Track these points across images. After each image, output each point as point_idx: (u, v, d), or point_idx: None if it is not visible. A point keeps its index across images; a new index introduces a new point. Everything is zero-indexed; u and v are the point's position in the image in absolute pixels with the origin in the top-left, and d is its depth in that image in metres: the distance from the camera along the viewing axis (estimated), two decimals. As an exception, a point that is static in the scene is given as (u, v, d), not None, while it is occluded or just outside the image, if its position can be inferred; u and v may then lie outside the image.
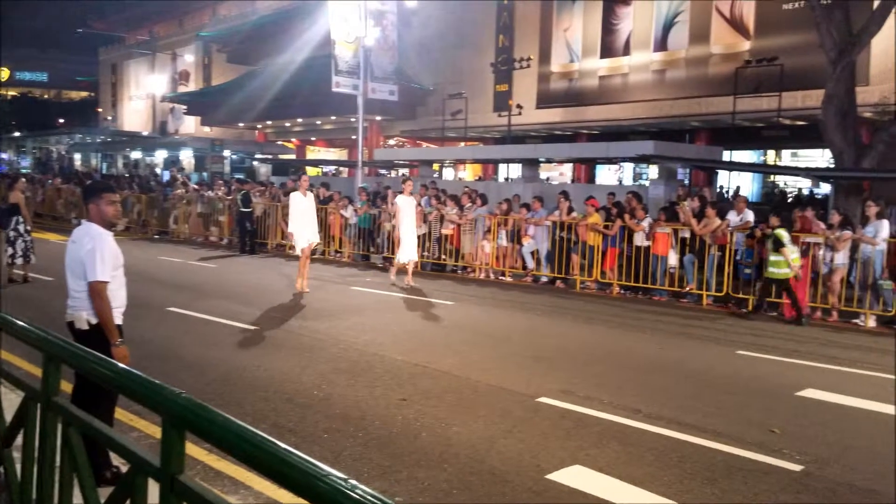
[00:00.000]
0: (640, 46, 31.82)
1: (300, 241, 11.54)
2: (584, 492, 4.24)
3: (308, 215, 11.71)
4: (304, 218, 11.58)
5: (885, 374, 7.41)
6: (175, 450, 2.12)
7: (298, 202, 11.61)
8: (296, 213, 11.57)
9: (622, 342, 8.91)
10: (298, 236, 11.52)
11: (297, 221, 11.55)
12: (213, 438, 2.05)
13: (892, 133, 15.55)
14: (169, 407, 2.15)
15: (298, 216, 11.56)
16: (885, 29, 15.86)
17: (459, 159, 32.13)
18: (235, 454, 1.96)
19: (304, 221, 11.59)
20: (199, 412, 2.07)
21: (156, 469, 2.18)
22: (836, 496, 4.27)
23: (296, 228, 11.54)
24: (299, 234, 11.51)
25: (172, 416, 2.13)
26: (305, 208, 11.65)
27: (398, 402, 5.91)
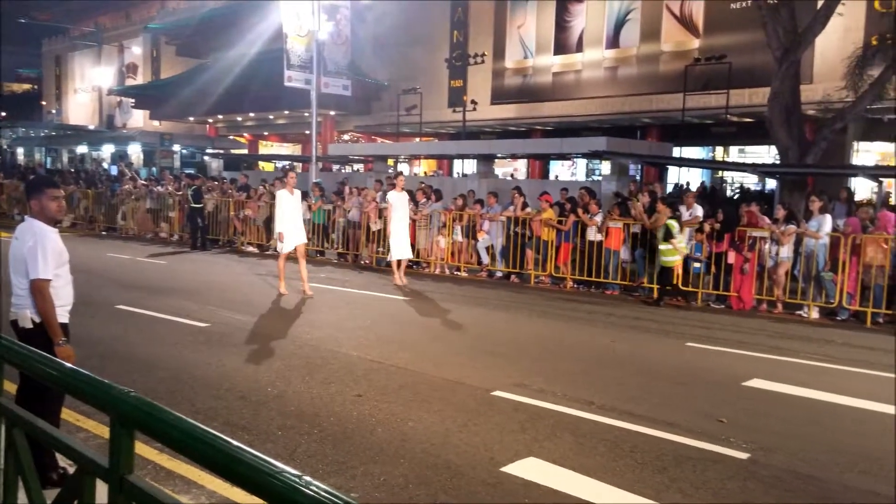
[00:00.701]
0: (592, 44, 32.19)
1: (289, 243, 10.96)
2: (539, 483, 4.30)
3: (295, 215, 11.15)
4: (291, 218, 11.00)
5: (827, 363, 7.67)
6: (124, 449, 2.08)
7: (286, 201, 11.00)
8: (284, 212, 10.98)
9: (575, 336, 9.03)
10: (287, 237, 10.91)
11: (285, 221, 10.97)
12: (163, 437, 2.02)
13: (834, 130, 16.06)
14: (117, 406, 2.11)
15: (286, 216, 10.98)
16: (828, 28, 16.35)
17: (414, 155, 32.09)
18: (187, 453, 1.93)
19: (292, 221, 11.00)
20: (149, 411, 2.03)
21: (104, 469, 2.14)
22: (780, 482, 4.40)
23: (285, 228, 10.92)
24: (288, 234, 10.92)
25: (121, 416, 2.09)
26: (293, 207, 11.08)
27: (353, 398, 5.89)
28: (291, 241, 10.98)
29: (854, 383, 6.88)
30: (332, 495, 1.55)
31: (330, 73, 27.91)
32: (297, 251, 11.11)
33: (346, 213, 16.02)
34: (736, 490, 4.27)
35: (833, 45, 23.19)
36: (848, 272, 10.32)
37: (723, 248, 11.31)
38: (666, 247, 11.18)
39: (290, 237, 10.96)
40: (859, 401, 6.21)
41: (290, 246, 10.98)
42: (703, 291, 11.55)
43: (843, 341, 8.96)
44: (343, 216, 16.14)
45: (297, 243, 11.07)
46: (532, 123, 34.23)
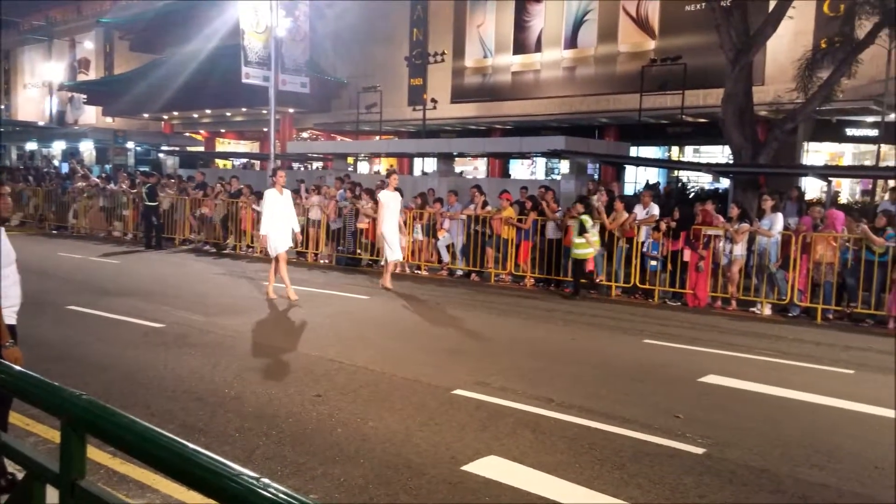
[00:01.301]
0: (551, 44, 32.46)
1: (276, 245, 10.40)
2: (499, 481, 4.31)
3: (285, 216, 10.57)
4: (279, 219, 10.47)
5: (779, 359, 7.86)
6: (75, 454, 2.02)
7: (274, 201, 10.47)
8: (270, 213, 10.43)
9: (535, 333, 9.09)
10: (273, 239, 10.37)
11: (271, 222, 10.40)
12: (116, 441, 1.97)
13: (785, 131, 16.47)
14: (68, 409, 2.05)
15: (273, 217, 10.43)
16: (779, 31, 16.75)
17: (374, 153, 31.95)
18: (141, 456, 1.89)
19: (280, 223, 10.47)
20: (101, 414, 1.98)
21: (54, 474, 2.08)
22: (735, 476, 4.49)
23: (270, 230, 10.37)
24: (274, 236, 10.37)
25: (72, 419, 2.03)
26: (282, 208, 10.55)
27: (313, 398, 5.83)
28: (282, 242, 10.46)
29: (805, 378, 7.06)
30: (291, 497, 1.52)
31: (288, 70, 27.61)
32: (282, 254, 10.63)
33: (305, 212, 15.86)
34: (692, 485, 4.34)
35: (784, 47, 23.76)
36: (799, 269, 10.59)
37: (679, 246, 11.51)
38: (580, 240, 11.68)
39: (280, 238, 10.42)
40: (810, 395, 6.38)
41: (282, 246, 10.45)
42: (659, 289, 11.74)
43: (794, 337, 9.19)
44: (303, 214, 15.98)
45: (286, 245, 10.57)
46: (492, 122, 34.37)
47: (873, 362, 7.90)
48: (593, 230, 11.79)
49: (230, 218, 17.13)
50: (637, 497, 4.15)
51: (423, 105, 31.86)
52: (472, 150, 27.73)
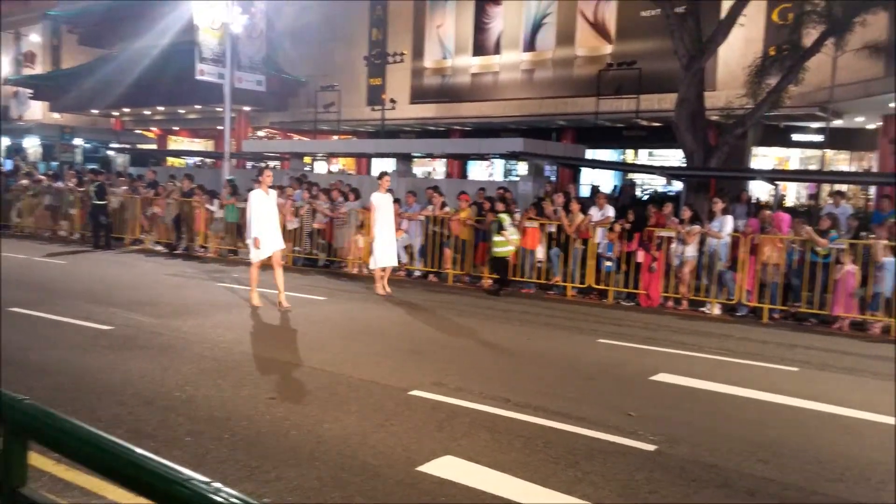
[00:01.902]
0: (510, 46, 32.67)
1: (264, 248, 9.92)
2: (455, 481, 4.33)
3: (271, 218, 10.12)
4: (266, 221, 10.00)
5: (727, 357, 8.05)
6: (16, 461, 1.97)
7: (261, 201, 9.95)
8: (259, 214, 9.89)
9: (492, 334, 9.14)
10: (263, 242, 9.88)
11: (260, 224, 9.89)
12: (60, 447, 1.92)
13: (735, 135, 16.86)
14: (9, 414, 1.99)
15: (261, 218, 9.91)
16: (730, 38, 17.14)
17: (333, 153, 31.76)
18: (86, 462, 1.84)
19: (267, 225, 10.01)
20: (45, 419, 1.92)
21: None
22: (685, 472, 4.58)
23: (260, 232, 9.87)
24: (263, 239, 9.89)
25: (13, 425, 1.97)
26: (269, 209, 10.08)
27: (267, 400, 5.77)
28: (268, 247, 9.97)
29: (751, 376, 7.24)
30: (243, 501, 1.51)
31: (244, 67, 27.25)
32: (272, 258, 10.07)
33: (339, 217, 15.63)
34: (643, 481, 4.42)
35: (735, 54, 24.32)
36: (747, 270, 10.86)
37: (632, 247, 11.69)
38: (498, 238, 11.98)
39: (267, 242, 9.94)
40: (757, 392, 6.55)
41: (266, 252, 9.95)
42: (614, 289, 11.91)
43: (741, 336, 9.42)
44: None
45: (273, 249, 10.09)
46: (451, 123, 34.43)
47: (816, 360, 8.15)
48: (511, 228, 12.11)
49: (183, 217, 16.83)
50: (590, 494, 4.20)
51: (382, 105, 31.79)
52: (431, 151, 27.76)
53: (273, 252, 10.03)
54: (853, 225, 11.31)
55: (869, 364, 8.06)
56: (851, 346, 9.04)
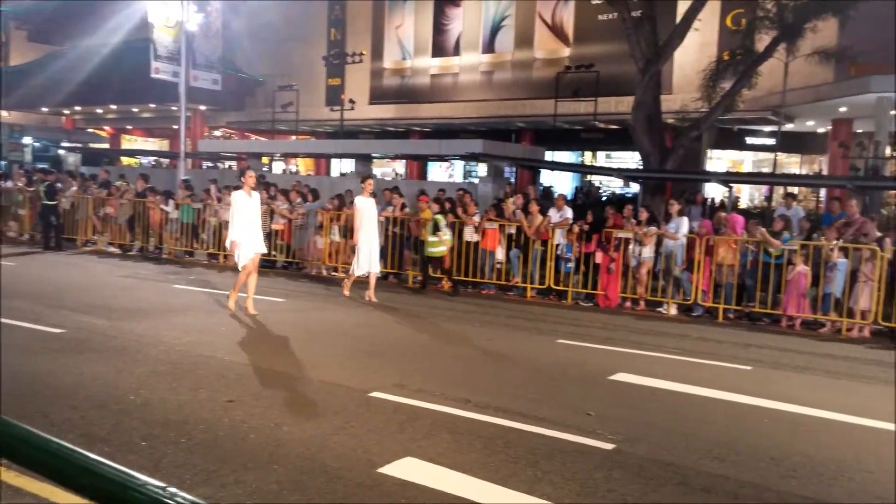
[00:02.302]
0: (469, 47, 32.76)
1: (245, 252, 9.55)
2: (415, 483, 4.31)
3: (253, 220, 9.73)
4: (249, 223, 9.61)
5: (684, 356, 8.18)
6: (-38, 468, 1.90)
7: (243, 203, 9.56)
8: (240, 216, 9.51)
9: (453, 335, 9.15)
10: (244, 246, 9.51)
11: (241, 227, 9.50)
12: (9, 452, 1.85)
13: (690, 138, 17.17)
14: (-46, 421, 1.91)
15: (243, 221, 9.53)
16: (686, 43, 17.46)
17: (291, 153, 31.46)
18: (37, 468, 1.78)
19: (249, 228, 9.62)
20: (-8, 425, 1.86)
21: (-62, 492, 1.94)
22: (643, 471, 4.64)
23: (240, 236, 9.48)
24: (245, 242, 9.52)
25: (-41, 431, 1.90)
26: (251, 211, 9.68)
27: (225, 403, 5.67)
28: (249, 250, 9.60)
29: (707, 375, 7.38)
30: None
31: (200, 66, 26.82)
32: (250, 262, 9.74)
33: (217, 213, 15.44)
34: (602, 479, 4.47)
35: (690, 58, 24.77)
36: (702, 271, 11.06)
37: (591, 248, 11.82)
38: (433, 238, 12.27)
39: (247, 246, 9.56)
40: (712, 391, 6.67)
41: (248, 255, 9.61)
42: (572, 290, 12.03)
43: (697, 336, 9.59)
44: (215, 216, 15.55)
45: (259, 251, 9.81)
46: (410, 124, 34.38)
47: (769, 359, 8.34)
48: (446, 229, 12.40)
49: (137, 218, 16.50)
50: (550, 493, 4.23)
51: (341, 105, 31.61)
52: (391, 152, 27.71)
53: (253, 255, 9.69)
54: (805, 227, 11.62)
55: (820, 362, 8.28)
56: (803, 345, 9.28)
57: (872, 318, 9.91)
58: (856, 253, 10.09)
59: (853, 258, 10.09)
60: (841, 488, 4.49)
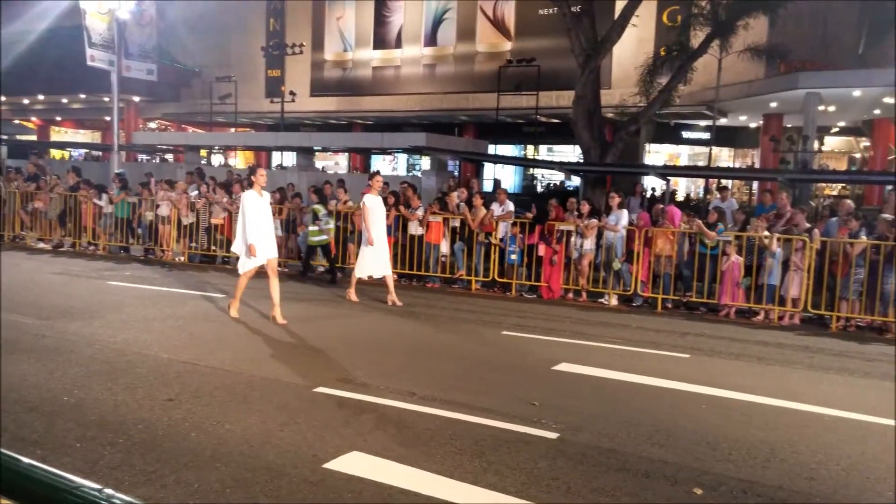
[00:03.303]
0: (411, 40, 32.66)
1: (258, 256, 8.87)
2: (361, 477, 4.29)
3: (266, 221, 9.04)
4: (261, 225, 8.94)
5: (624, 346, 8.36)
6: None
7: (254, 203, 8.86)
8: (254, 217, 8.83)
9: (398, 328, 9.13)
10: (259, 249, 8.84)
11: (255, 229, 8.82)
12: (-68, 458, 1.77)
13: (629, 132, 17.50)
14: None
15: (255, 222, 8.84)
16: (624, 38, 17.77)
17: (230, 145, 30.82)
18: (-37, 474, 1.70)
19: (262, 230, 8.94)
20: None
21: None
22: (586, 458, 4.73)
23: (256, 238, 8.80)
24: (260, 245, 8.86)
25: None
26: (263, 212, 8.99)
27: (164, 402, 5.54)
28: (262, 255, 8.91)
29: (647, 363, 7.56)
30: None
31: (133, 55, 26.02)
32: (267, 267, 9.01)
33: (154, 208, 15.04)
34: (546, 468, 4.53)
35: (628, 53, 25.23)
36: (641, 262, 11.31)
37: (534, 241, 11.96)
38: (313, 228, 12.65)
39: (261, 249, 8.88)
40: (652, 379, 6.83)
41: (260, 260, 8.91)
42: (516, 282, 12.14)
43: (637, 325, 9.81)
44: (151, 210, 15.15)
45: (268, 257, 9.01)
46: (353, 117, 34.12)
47: (706, 347, 8.59)
48: (326, 218, 12.70)
49: (68, 213, 15.93)
50: (495, 483, 4.27)
51: (282, 97, 31.12)
52: (333, 145, 27.42)
53: (268, 260, 9.00)
54: (739, 218, 11.99)
55: (753, 349, 8.57)
56: (738, 333, 9.58)
57: (802, 306, 10.30)
58: (787, 243, 10.46)
59: (784, 248, 10.46)
60: (774, 469, 4.66)
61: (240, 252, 9.09)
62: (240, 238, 9.00)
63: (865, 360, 8.17)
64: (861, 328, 10.08)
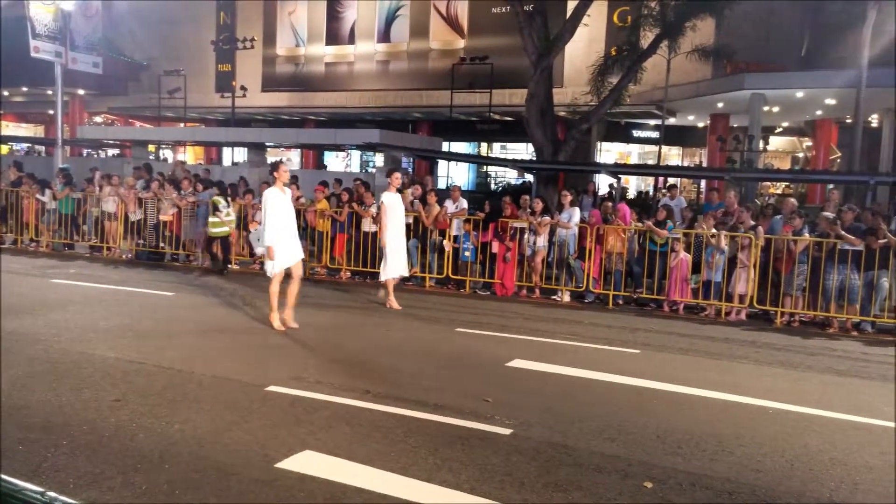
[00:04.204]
0: (364, 36, 32.46)
1: (282, 258, 8.28)
2: (314, 476, 4.26)
3: (289, 220, 8.45)
4: (285, 225, 8.34)
5: (577, 342, 8.46)
6: None
7: (278, 201, 8.27)
8: (276, 216, 8.21)
9: (352, 326, 9.08)
10: (280, 251, 8.24)
11: (277, 229, 8.21)
12: None
13: (581, 131, 17.71)
14: None
15: (279, 222, 8.23)
16: (575, 37, 17.97)
17: (179, 141, 30.17)
18: None
19: (286, 230, 8.35)
20: None
21: None
22: (539, 454, 4.77)
23: (276, 240, 8.19)
24: (281, 247, 8.25)
25: None
26: (286, 210, 8.40)
27: (111, 403, 5.40)
28: (286, 257, 8.32)
29: (599, 359, 7.67)
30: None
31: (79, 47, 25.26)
32: (292, 269, 8.43)
33: (99, 203, 14.66)
34: (500, 464, 4.56)
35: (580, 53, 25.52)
36: (593, 259, 11.47)
37: (488, 238, 12.01)
38: (213, 220, 12.73)
39: (284, 251, 8.29)
40: (604, 374, 6.93)
41: (284, 263, 8.31)
42: (470, 279, 12.19)
43: (589, 321, 9.94)
44: (96, 206, 14.75)
45: (294, 259, 8.42)
46: (305, 113, 33.76)
47: (656, 342, 8.75)
48: (227, 210, 12.79)
49: (9, 209, 15.41)
50: (449, 480, 4.28)
51: (232, 92, 30.60)
52: (286, 141, 27.08)
53: (294, 263, 8.42)
54: (687, 216, 12.24)
55: (702, 344, 8.76)
56: (686, 329, 9.79)
57: (748, 302, 10.58)
58: (734, 241, 10.72)
59: (731, 245, 10.72)
60: (722, 462, 4.78)
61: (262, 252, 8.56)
62: (265, 238, 8.33)
63: (808, 355, 8.44)
64: (804, 323, 10.39)
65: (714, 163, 26.29)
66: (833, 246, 9.97)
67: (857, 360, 8.27)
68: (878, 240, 9.69)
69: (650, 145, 30.17)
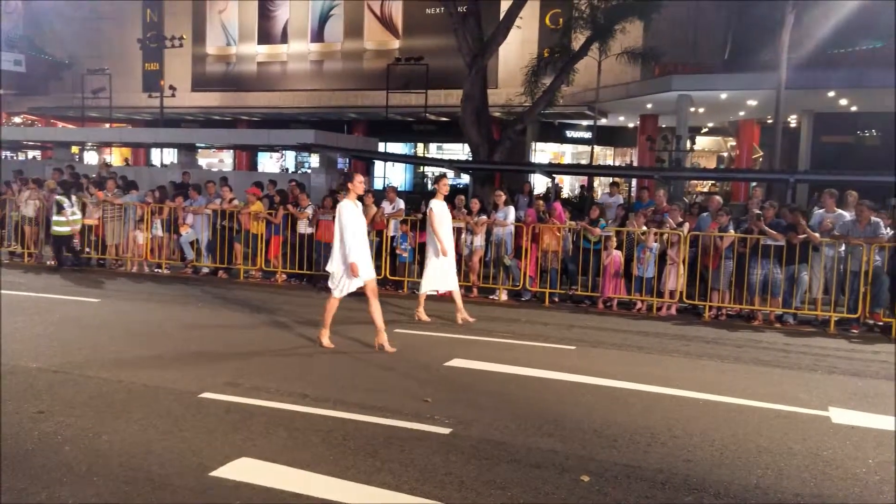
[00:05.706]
0: (297, 35, 32.07)
1: (363, 273, 7.68)
2: (251, 483, 4.18)
3: (364, 235, 7.86)
4: (361, 240, 7.74)
5: (514, 340, 8.55)
6: None
7: (353, 215, 7.63)
8: (353, 231, 7.55)
9: (287, 330, 8.94)
10: (362, 266, 7.65)
11: (356, 245, 7.57)
12: None
13: (515, 131, 17.90)
14: None
15: (356, 237, 7.60)
16: (509, 39, 18.16)
17: (104, 142, 29.15)
18: None
19: (363, 245, 7.80)
20: None
21: None
22: (478, 452, 4.80)
23: (359, 256, 7.60)
24: (362, 264, 7.67)
25: None
26: (361, 225, 7.80)
27: (34, 415, 5.18)
28: (365, 274, 7.72)
29: (536, 356, 7.76)
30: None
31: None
32: (367, 288, 7.80)
33: (19, 208, 14.04)
34: (440, 463, 4.57)
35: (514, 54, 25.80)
36: (529, 258, 11.60)
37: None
38: (58, 219, 12.91)
39: (364, 269, 7.71)
40: (541, 371, 7.03)
41: (360, 281, 7.69)
42: (408, 280, 12.16)
43: (526, 319, 10.06)
44: (16, 210, 14.13)
45: (369, 276, 7.83)
46: (238, 113, 33.12)
47: (591, 338, 8.92)
48: (72, 209, 12.98)
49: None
50: (389, 481, 4.26)
51: (161, 92, 29.75)
52: (217, 142, 26.48)
53: (367, 280, 7.77)
54: (619, 214, 12.51)
55: (635, 339, 8.97)
56: (620, 324, 10.01)
57: (678, 297, 10.88)
58: (663, 238, 11.01)
59: (661, 242, 11.01)
60: (655, 453, 4.90)
61: (337, 271, 7.75)
62: (337, 255, 7.68)
63: (735, 347, 8.73)
64: (731, 316, 10.76)
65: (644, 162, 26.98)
66: (756, 241, 10.34)
67: (780, 350, 8.61)
68: (798, 235, 10.10)
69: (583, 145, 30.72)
